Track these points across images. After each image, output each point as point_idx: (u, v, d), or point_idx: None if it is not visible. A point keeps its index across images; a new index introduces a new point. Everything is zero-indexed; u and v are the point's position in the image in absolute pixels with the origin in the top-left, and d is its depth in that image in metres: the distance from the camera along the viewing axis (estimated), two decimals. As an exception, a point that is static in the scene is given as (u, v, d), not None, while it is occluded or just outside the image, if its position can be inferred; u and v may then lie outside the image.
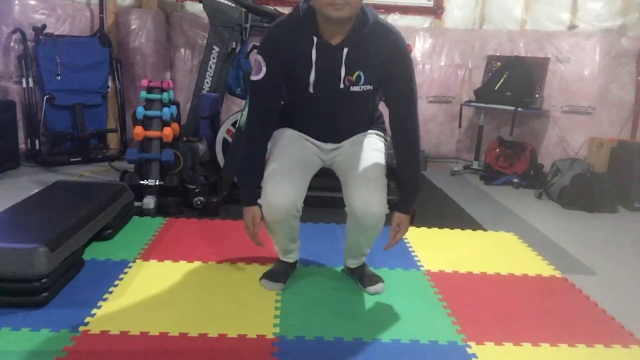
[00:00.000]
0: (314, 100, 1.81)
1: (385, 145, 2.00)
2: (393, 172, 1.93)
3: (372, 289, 2.03)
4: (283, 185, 1.80)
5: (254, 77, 1.80)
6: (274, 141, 1.95)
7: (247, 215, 1.88)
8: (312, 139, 1.95)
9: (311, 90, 1.77)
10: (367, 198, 1.80)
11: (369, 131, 1.98)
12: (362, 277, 2.08)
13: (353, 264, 2.10)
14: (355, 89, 1.77)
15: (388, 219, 1.88)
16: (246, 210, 1.88)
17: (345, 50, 1.71)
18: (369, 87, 1.78)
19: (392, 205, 1.88)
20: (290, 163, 1.85)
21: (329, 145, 1.96)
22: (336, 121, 1.90)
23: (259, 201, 1.85)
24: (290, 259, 2.10)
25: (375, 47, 1.72)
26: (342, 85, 1.75)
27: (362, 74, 1.75)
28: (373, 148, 1.93)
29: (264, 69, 1.76)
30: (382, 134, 2.01)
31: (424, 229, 2.85)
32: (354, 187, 1.83)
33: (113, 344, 1.59)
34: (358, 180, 1.83)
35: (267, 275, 2.06)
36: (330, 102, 1.82)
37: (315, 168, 1.97)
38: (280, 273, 2.06)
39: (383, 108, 1.96)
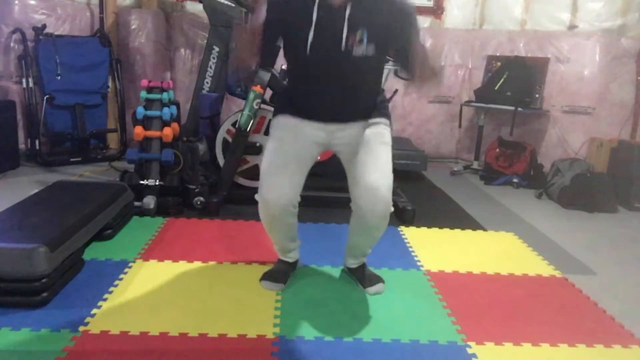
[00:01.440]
0: (313, 65, 1.76)
1: (391, 134, 1.94)
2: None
3: (372, 289, 2.03)
4: (279, 181, 1.80)
5: (260, 16, 1.79)
6: (271, 132, 1.92)
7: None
8: (315, 122, 1.87)
9: (308, 51, 1.73)
10: (374, 197, 1.79)
11: (376, 119, 1.90)
12: (362, 277, 2.08)
13: (353, 264, 2.10)
14: (358, 53, 1.72)
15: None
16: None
17: (348, 9, 1.69)
18: (371, 47, 1.72)
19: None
20: (285, 158, 1.84)
21: (333, 126, 1.88)
22: (338, 92, 1.82)
23: (255, 196, 1.86)
24: (290, 258, 2.10)
25: (378, 4, 1.71)
26: (343, 47, 1.71)
27: (365, 33, 1.70)
28: (381, 142, 1.88)
29: (265, 15, 1.76)
30: (388, 122, 1.94)
31: (424, 229, 2.85)
32: (361, 184, 1.81)
33: (113, 344, 1.59)
34: (365, 178, 1.81)
35: (266, 276, 2.06)
36: (331, 68, 1.76)
37: (314, 158, 1.92)
38: (280, 273, 2.06)
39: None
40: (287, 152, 1.86)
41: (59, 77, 3.89)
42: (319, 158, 2.99)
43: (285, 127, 1.90)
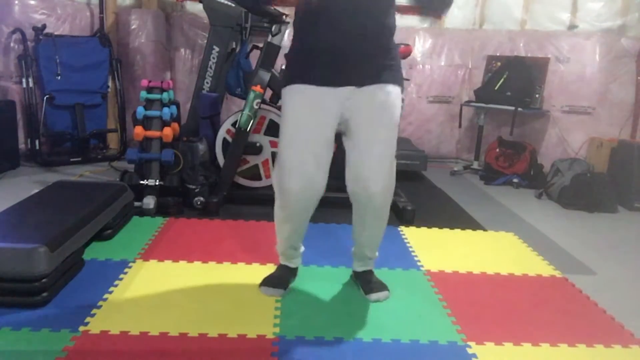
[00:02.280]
0: (321, 5, 1.68)
1: (403, 101, 1.86)
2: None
3: (373, 296, 1.97)
4: (305, 167, 1.74)
5: None
6: (282, 108, 1.82)
7: None
8: (325, 87, 1.76)
9: None
10: (369, 175, 1.74)
11: (389, 85, 1.79)
12: (365, 283, 2.02)
13: (358, 266, 2.05)
14: None
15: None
16: None
17: None
18: None
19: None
20: (307, 136, 1.74)
21: (345, 91, 1.76)
22: (348, 36, 1.72)
23: (274, 182, 1.81)
24: (292, 263, 2.05)
25: None
26: None
27: None
28: (387, 123, 1.79)
29: None
30: (400, 89, 1.83)
31: (424, 229, 2.85)
32: (357, 163, 1.76)
33: (113, 344, 1.59)
34: (359, 168, 1.76)
35: (266, 282, 2.01)
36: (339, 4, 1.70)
37: (331, 139, 1.81)
38: (280, 279, 2.02)
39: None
40: (307, 129, 1.75)
41: (59, 77, 3.89)
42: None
43: (298, 99, 1.79)
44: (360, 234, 1.95)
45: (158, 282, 2.02)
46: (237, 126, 3.00)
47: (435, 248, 2.57)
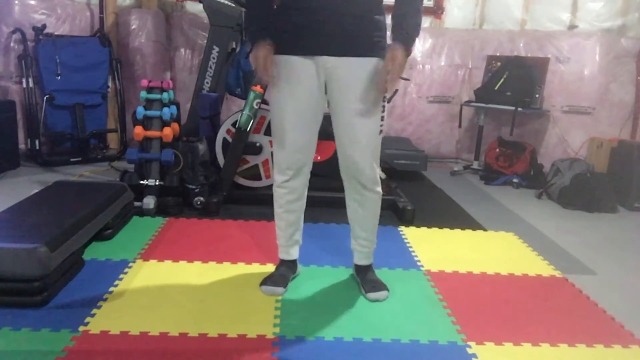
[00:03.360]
0: None
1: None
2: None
3: (372, 295, 1.97)
4: (298, 139, 1.86)
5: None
6: (268, 89, 1.88)
7: (257, 52, 1.77)
8: (302, 57, 1.76)
9: None
10: (355, 152, 1.83)
11: (373, 57, 1.75)
12: (365, 280, 2.03)
13: (358, 259, 2.05)
14: None
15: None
16: (255, 47, 1.78)
17: None
18: None
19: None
20: (294, 114, 1.82)
21: (324, 60, 1.74)
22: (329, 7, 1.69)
23: (276, 161, 1.90)
24: (291, 255, 2.06)
25: None
26: None
27: None
28: (370, 105, 1.78)
29: None
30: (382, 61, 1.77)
31: (424, 229, 2.85)
32: (342, 139, 1.84)
33: (113, 344, 1.59)
34: (348, 133, 1.83)
35: (266, 281, 2.02)
36: None
37: (320, 116, 1.88)
38: (280, 277, 2.02)
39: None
40: (291, 110, 1.82)
41: (59, 77, 3.89)
42: (318, 158, 3.00)
43: (279, 74, 1.80)
44: (356, 213, 1.97)
45: (158, 282, 2.02)
46: (237, 126, 3.00)
47: (435, 248, 2.57)
